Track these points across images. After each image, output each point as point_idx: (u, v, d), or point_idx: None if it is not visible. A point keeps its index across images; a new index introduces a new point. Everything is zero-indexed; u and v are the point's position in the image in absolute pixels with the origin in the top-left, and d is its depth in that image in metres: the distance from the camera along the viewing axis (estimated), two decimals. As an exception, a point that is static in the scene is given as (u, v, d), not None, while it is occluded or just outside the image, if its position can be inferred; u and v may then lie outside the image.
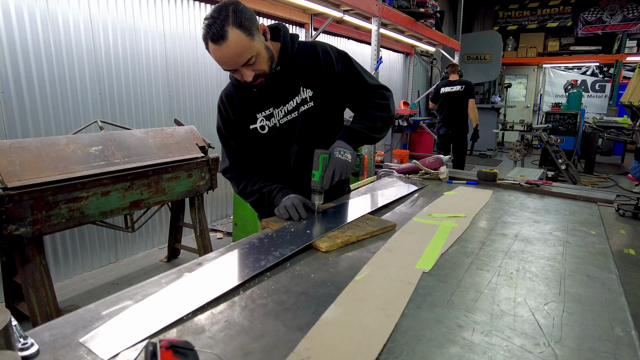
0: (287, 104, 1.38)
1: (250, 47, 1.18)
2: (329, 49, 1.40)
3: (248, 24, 1.16)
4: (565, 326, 0.74)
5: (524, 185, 1.79)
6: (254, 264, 0.97)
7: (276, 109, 1.38)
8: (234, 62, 1.19)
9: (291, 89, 1.37)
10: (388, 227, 1.23)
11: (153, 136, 2.71)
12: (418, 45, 7.70)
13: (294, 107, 1.38)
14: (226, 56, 1.16)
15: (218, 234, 3.97)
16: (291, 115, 1.39)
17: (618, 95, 9.62)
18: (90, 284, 2.95)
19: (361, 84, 1.43)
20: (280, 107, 1.38)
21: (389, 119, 1.45)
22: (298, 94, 1.38)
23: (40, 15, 2.70)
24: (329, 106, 1.43)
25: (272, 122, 1.39)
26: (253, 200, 1.47)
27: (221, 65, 1.22)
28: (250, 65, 1.21)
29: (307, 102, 1.38)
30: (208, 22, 1.13)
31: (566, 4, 10.74)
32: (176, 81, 3.70)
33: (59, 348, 0.67)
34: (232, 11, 1.14)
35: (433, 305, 0.81)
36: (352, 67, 1.42)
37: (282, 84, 1.35)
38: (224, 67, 1.22)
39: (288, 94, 1.38)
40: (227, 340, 0.70)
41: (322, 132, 1.44)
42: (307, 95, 1.38)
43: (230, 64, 1.20)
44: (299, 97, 1.38)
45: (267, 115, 1.38)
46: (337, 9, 4.43)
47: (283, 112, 1.38)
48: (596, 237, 1.21)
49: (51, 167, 2.11)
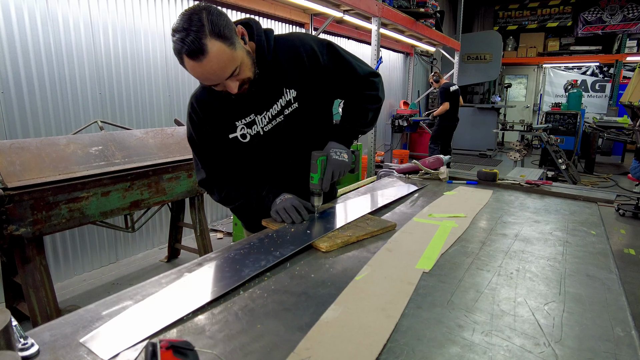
0: (271, 108, 1.25)
1: (233, 58, 1.04)
2: (310, 41, 1.26)
3: (228, 32, 1.02)
4: (565, 326, 0.74)
5: (524, 185, 1.79)
6: (255, 264, 0.97)
7: (258, 116, 1.25)
8: (217, 77, 1.06)
9: (273, 92, 1.24)
10: (388, 227, 1.23)
11: (153, 136, 2.71)
12: (418, 45, 7.70)
13: (278, 112, 1.26)
14: (208, 72, 1.03)
15: (218, 234, 3.97)
16: (275, 120, 1.27)
17: (618, 95, 9.62)
18: (91, 284, 2.95)
19: (350, 75, 1.31)
20: (263, 112, 1.25)
21: (380, 107, 1.40)
22: (281, 96, 1.25)
23: (40, 15, 2.70)
24: (315, 104, 1.32)
25: (255, 130, 1.26)
26: (238, 205, 1.37)
27: (202, 82, 1.11)
28: (234, 77, 1.08)
29: (292, 104, 1.26)
30: (180, 35, 0.98)
31: (566, 3, 10.74)
32: (176, 81, 3.70)
33: (59, 348, 0.67)
34: (207, 19, 0.99)
35: (433, 305, 0.81)
36: (339, 56, 1.29)
37: (263, 88, 1.21)
38: (205, 82, 1.10)
39: (270, 98, 1.25)
40: (227, 340, 0.70)
41: (310, 131, 1.34)
42: (291, 97, 1.26)
43: (213, 80, 1.06)
44: (282, 100, 1.25)
45: (248, 123, 1.25)
46: (337, 9, 4.43)
47: (267, 119, 1.26)
48: (596, 237, 1.21)
49: (51, 167, 2.11)
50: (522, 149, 5.85)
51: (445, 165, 2.02)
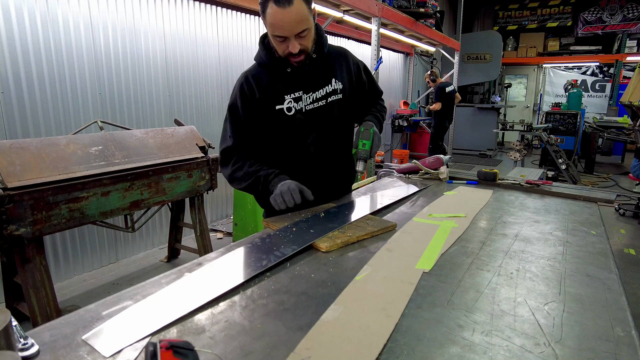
0: (317, 91, 1.40)
1: (308, 19, 1.22)
2: (354, 57, 1.52)
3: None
4: (565, 326, 0.74)
5: (524, 185, 1.79)
6: (255, 264, 0.97)
7: (305, 94, 1.39)
8: (291, 29, 1.20)
9: (323, 78, 1.41)
10: (388, 227, 1.23)
11: (153, 136, 2.71)
12: (418, 45, 7.70)
13: (323, 96, 1.41)
14: (287, 20, 1.18)
15: (218, 234, 3.97)
16: (318, 103, 1.41)
17: (618, 95, 9.62)
18: (91, 284, 2.95)
19: (376, 91, 1.64)
20: (310, 93, 1.39)
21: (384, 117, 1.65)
22: (329, 84, 1.42)
23: (40, 15, 2.70)
24: (353, 103, 1.51)
25: (300, 106, 1.39)
26: (246, 185, 1.38)
27: (274, 30, 1.22)
28: (301, 37, 1.24)
29: (337, 94, 1.43)
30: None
31: (566, 3, 10.74)
32: (176, 81, 3.70)
33: (59, 348, 0.67)
34: None
35: (433, 305, 0.81)
36: (371, 77, 1.59)
37: (316, 70, 1.39)
38: (279, 31, 1.22)
39: (320, 82, 1.41)
40: (227, 340, 0.70)
41: (342, 126, 1.51)
42: (338, 87, 1.43)
43: (287, 30, 1.20)
44: (329, 87, 1.42)
45: (295, 98, 1.38)
46: (337, 9, 4.43)
47: (311, 99, 1.40)
48: (596, 237, 1.21)
49: (51, 167, 2.11)
50: (522, 148, 5.85)
51: (445, 165, 2.02)
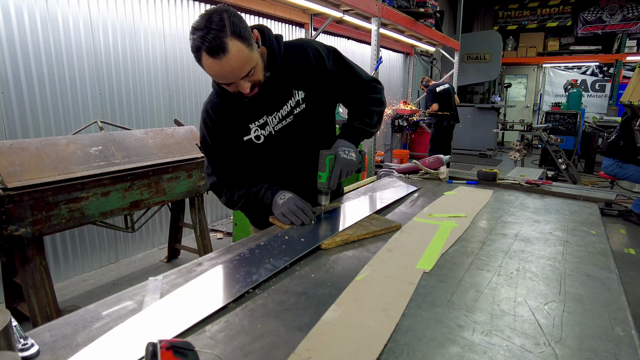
0: (281, 109, 1.31)
1: (250, 59, 1.09)
2: (318, 46, 1.35)
3: (246, 34, 1.07)
4: (565, 326, 0.74)
5: (524, 185, 1.79)
6: (258, 270, 0.94)
7: (269, 117, 1.31)
8: (234, 76, 1.10)
9: (283, 94, 1.31)
10: (392, 227, 1.22)
11: (153, 136, 2.71)
12: (418, 45, 7.69)
13: (288, 112, 1.32)
14: (226, 70, 1.07)
15: (218, 234, 3.97)
16: (286, 120, 1.32)
17: (618, 95, 9.62)
18: (91, 285, 2.95)
19: (354, 80, 1.41)
20: (274, 113, 1.31)
21: (383, 112, 1.47)
22: (291, 97, 1.31)
23: (40, 15, 2.70)
24: (321, 105, 1.39)
25: (267, 131, 1.32)
26: (241, 205, 1.40)
27: (217, 80, 1.14)
28: (248, 77, 1.13)
29: (300, 105, 1.33)
30: (201, 32, 1.01)
31: (566, 3, 10.74)
32: (176, 81, 3.70)
33: (59, 348, 0.67)
34: (228, 20, 1.03)
35: (433, 305, 0.81)
36: (344, 62, 1.39)
37: (274, 89, 1.28)
38: (221, 81, 1.13)
39: (281, 99, 1.31)
40: (227, 340, 0.69)
41: (317, 132, 1.40)
42: (300, 98, 1.32)
43: (230, 78, 1.10)
44: (292, 101, 1.32)
45: (261, 125, 1.31)
46: (337, 9, 4.43)
47: (277, 119, 1.32)
48: (596, 237, 1.21)
49: (51, 167, 2.11)
50: (522, 148, 5.85)
51: (445, 165, 2.02)
